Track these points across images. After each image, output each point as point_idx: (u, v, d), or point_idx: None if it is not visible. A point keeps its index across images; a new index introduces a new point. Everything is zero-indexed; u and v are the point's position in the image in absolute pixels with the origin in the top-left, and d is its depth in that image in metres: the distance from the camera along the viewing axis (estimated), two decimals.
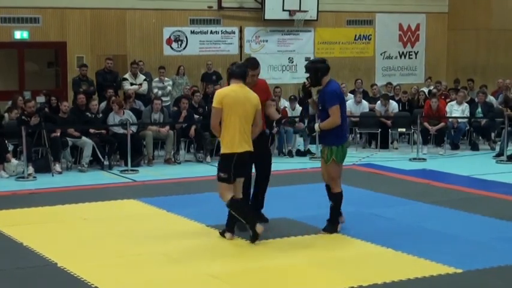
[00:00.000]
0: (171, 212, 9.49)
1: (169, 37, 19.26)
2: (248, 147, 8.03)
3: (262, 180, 8.78)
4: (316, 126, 8.35)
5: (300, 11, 20.04)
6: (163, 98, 16.08)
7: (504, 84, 18.31)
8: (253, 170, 8.69)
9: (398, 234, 8.44)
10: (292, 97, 16.67)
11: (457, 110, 16.20)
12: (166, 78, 17.14)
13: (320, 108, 8.35)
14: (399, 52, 22.15)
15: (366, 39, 21.67)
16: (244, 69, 8.17)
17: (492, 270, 7.08)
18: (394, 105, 16.54)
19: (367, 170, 13.10)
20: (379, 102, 16.62)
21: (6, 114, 13.88)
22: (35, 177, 12.50)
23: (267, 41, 20.41)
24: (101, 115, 14.08)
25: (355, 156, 14.52)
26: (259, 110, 8.11)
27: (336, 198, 8.43)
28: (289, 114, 15.84)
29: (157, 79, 17.13)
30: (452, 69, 22.36)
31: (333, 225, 8.44)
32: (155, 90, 16.78)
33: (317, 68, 8.27)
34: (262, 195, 8.84)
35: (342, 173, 8.53)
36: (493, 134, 16.59)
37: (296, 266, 7.25)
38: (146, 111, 14.62)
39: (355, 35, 21.52)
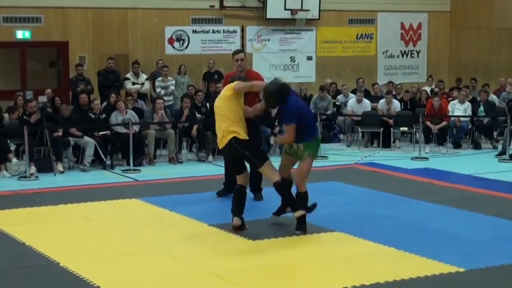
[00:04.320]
0: (173, 211, 9.49)
1: (171, 36, 19.26)
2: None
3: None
4: (272, 140, 8.83)
5: (301, 10, 20.03)
6: (166, 98, 16.06)
7: (506, 83, 18.26)
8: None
9: (400, 233, 8.44)
10: None
11: (459, 109, 16.19)
12: (169, 78, 17.11)
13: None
14: (401, 51, 22.12)
15: (367, 38, 21.65)
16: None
17: (494, 269, 7.08)
18: (396, 104, 16.53)
19: (369, 169, 13.08)
20: (381, 101, 16.60)
21: (6, 115, 13.87)
22: (37, 176, 12.49)
23: (268, 40, 20.39)
24: (104, 115, 14.07)
25: (357, 155, 14.51)
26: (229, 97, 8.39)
27: (301, 198, 8.50)
28: None
29: (160, 78, 17.09)
30: (454, 68, 22.33)
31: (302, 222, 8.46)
32: (158, 90, 16.76)
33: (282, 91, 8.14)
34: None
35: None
36: (495, 133, 16.57)
37: (298, 265, 7.25)
38: (148, 111, 14.65)
39: (357, 34, 21.50)
